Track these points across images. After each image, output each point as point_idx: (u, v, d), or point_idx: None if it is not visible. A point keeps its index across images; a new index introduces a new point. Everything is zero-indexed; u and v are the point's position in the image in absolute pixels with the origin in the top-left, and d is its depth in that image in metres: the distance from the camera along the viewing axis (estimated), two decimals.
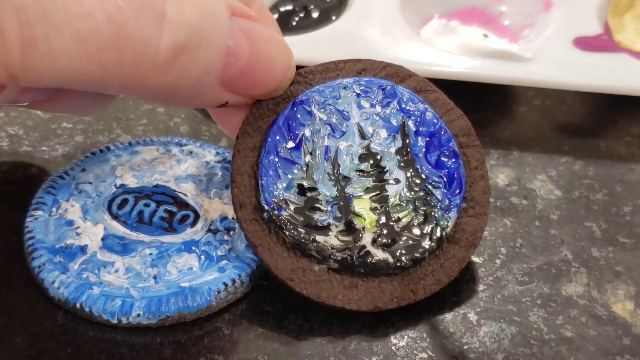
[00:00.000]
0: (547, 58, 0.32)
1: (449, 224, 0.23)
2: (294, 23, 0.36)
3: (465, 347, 0.23)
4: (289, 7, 0.37)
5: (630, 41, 0.34)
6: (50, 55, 0.17)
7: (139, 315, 0.22)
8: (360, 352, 0.22)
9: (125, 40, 0.18)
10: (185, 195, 0.26)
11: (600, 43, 0.33)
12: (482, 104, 0.34)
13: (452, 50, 0.34)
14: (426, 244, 0.23)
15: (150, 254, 0.24)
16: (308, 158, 0.23)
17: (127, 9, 0.18)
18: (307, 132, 0.24)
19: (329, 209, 0.23)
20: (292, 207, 0.23)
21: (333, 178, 0.23)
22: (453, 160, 0.24)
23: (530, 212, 0.28)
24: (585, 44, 0.33)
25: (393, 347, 0.23)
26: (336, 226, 0.23)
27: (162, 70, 0.19)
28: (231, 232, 0.25)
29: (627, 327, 0.23)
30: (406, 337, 0.23)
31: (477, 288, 0.25)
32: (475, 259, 0.26)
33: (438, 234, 0.23)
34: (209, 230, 0.25)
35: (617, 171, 0.30)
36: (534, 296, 0.24)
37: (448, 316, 0.24)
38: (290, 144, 0.23)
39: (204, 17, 0.20)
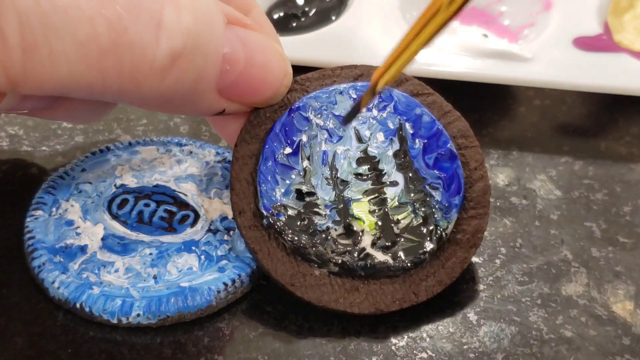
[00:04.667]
0: (547, 58, 0.32)
1: (449, 224, 0.23)
2: (294, 24, 0.36)
3: (465, 347, 0.23)
4: (290, 7, 0.37)
5: (630, 41, 0.34)
6: (51, 61, 0.18)
7: (139, 315, 0.22)
8: (360, 352, 0.22)
9: (124, 46, 0.18)
10: (185, 195, 0.26)
11: (600, 43, 0.33)
12: (482, 104, 0.34)
13: (452, 50, 0.34)
14: (426, 245, 0.23)
15: (150, 254, 0.24)
16: (306, 163, 0.23)
17: (126, 15, 0.18)
18: (304, 138, 0.24)
19: (328, 212, 0.23)
20: (290, 212, 0.23)
21: (331, 182, 0.23)
22: (451, 161, 0.24)
23: (530, 212, 0.28)
24: (585, 44, 0.33)
25: (393, 347, 0.23)
26: (335, 230, 0.23)
27: (159, 76, 0.19)
28: (231, 232, 0.25)
29: (627, 327, 0.23)
30: (406, 337, 0.23)
31: (477, 288, 0.25)
32: (475, 259, 0.26)
33: (438, 235, 0.23)
34: (209, 230, 0.25)
35: (617, 171, 0.30)
36: (534, 296, 0.24)
37: (448, 316, 0.24)
38: (288, 150, 0.23)
39: (200, 24, 0.20)
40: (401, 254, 0.23)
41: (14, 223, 0.26)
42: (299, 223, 0.23)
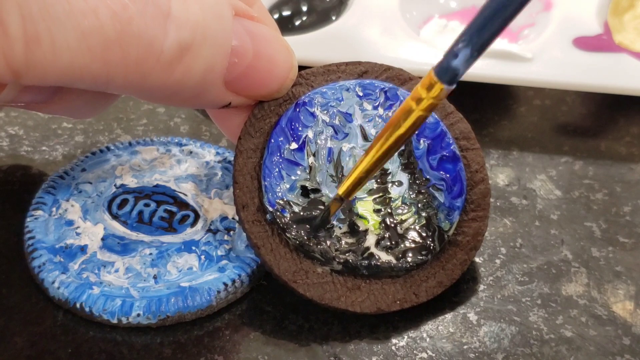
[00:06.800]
0: (547, 58, 0.32)
1: (451, 226, 0.23)
2: (295, 23, 0.36)
3: (465, 347, 0.23)
4: (290, 7, 0.37)
5: (630, 41, 0.34)
6: (54, 52, 0.17)
7: (139, 315, 0.22)
8: (360, 352, 0.22)
9: (129, 38, 0.18)
10: (185, 195, 0.26)
11: (600, 43, 0.33)
12: (482, 104, 0.34)
13: None
14: (429, 246, 0.23)
15: (150, 253, 0.24)
16: (311, 159, 0.23)
17: (131, 6, 0.18)
18: (310, 134, 0.24)
19: None
20: (295, 208, 0.23)
21: (336, 180, 0.23)
22: (454, 163, 0.24)
23: (530, 212, 0.28)
24: (585, 44, 0.33)
25: (393, 347, 0.23)
26: (340, 228, 0.23)
27: (167, 69, 0.19)
28: (231, 232, 0.25)
29: (627, 327, 0.23)
30: (406, 337, 0.23)
31: (477, 288, 0.25)
32: (475, 259, 0.26)
33: (440, 237, 0.23)
34: (209, 230, 0.25)
35: (617, 171, 0.30)
36: (534, 296, 0.24)
37: (448, 316, 0.24)
38: (294, 145, 0.23)
39: (208, 16, 0.20)
40: (404, 254, 0.23)
41: (14, 223, 0.26)
42: (303, 220, 0.23)
